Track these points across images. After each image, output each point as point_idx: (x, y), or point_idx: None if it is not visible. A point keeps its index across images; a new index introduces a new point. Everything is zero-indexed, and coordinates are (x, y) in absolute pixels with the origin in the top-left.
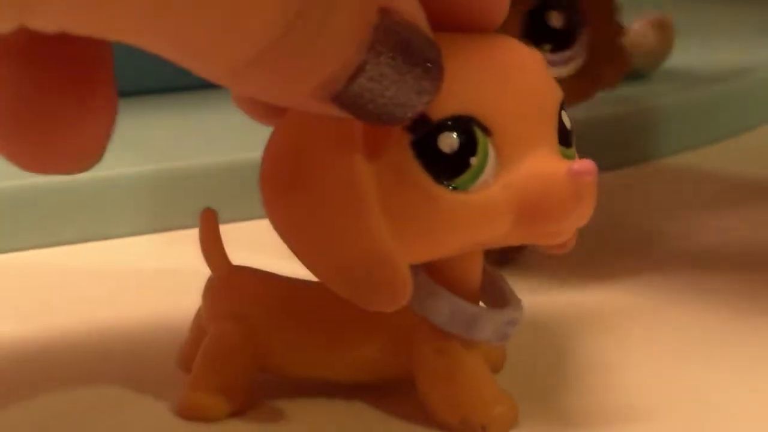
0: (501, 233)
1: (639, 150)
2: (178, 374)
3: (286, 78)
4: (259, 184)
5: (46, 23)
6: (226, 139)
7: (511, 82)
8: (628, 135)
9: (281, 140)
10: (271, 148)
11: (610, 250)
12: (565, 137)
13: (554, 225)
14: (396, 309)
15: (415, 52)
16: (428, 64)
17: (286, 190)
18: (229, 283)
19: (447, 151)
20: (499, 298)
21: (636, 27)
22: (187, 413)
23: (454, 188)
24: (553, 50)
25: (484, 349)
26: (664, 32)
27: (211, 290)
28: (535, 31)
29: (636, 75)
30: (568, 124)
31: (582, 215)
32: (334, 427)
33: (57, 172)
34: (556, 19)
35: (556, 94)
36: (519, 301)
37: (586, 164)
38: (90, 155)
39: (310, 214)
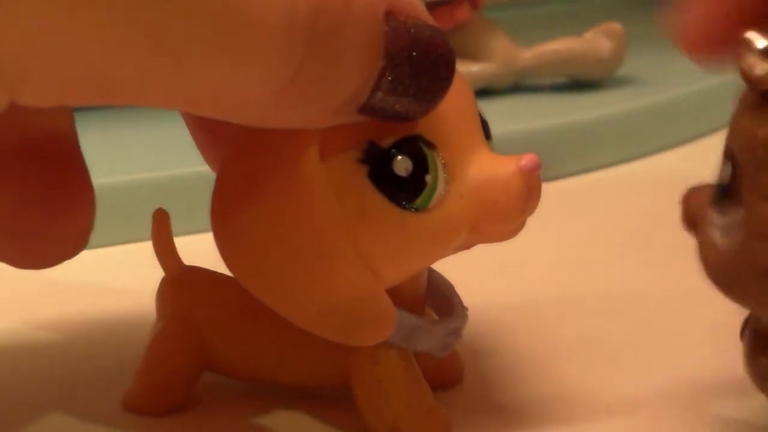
0: (461, 243)
1: (591, 158)
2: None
3: (309, 105)
4: (212, 225)
5: (39, 97)
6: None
7: None
8: (580, 143)
9: (232, 182)
10: (221, 192)
11: (563, 256)
12: (485, 130)
13: (510, 224)
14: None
15: (426, 44)
16: (440, 51)
17: (245, 237)
18: (180, 283)
19: (403, 174)
20: (445, 305)
21: (588, 36)
22: (130, 406)
23: (416, 209)
24: None
25: (432, 361)
26: (616, 40)
27: (162, 290)
28: None
29: (589, 83)
30: (484, 116)
31: (532, 208)
32: (270, 428)
33: (46, 266)
34: None
35: (471, 89)
36: (464, 309)
37: (531, 159)
38: (74, 246)
39: (276, 262)
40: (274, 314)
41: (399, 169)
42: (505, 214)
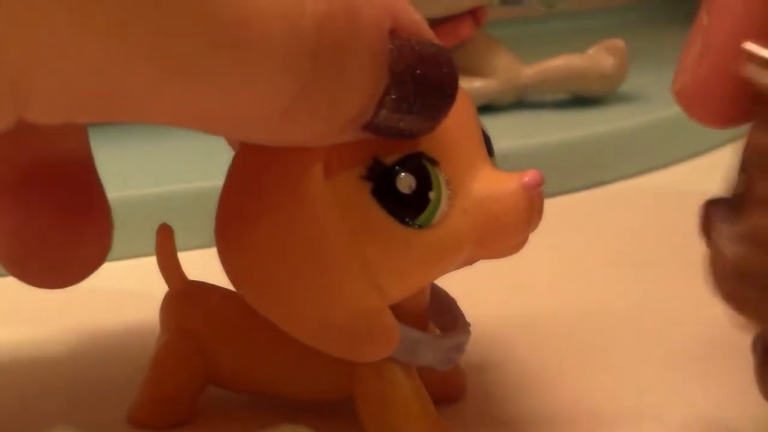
0: (464, 258)
1: (595, 174)
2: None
3: (314, 122)
4: (216, 239)
5: (47, 113)
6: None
7: None
8: (583, 159)
9: (237, 198)
10: (226, 207)
11: (565, 270)
12: (487, 146)
13: (513, 240)
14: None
15: (430, 62)
16: (444, 69)
17: (251, 255)
18: (184, 297)
19: (407, 192)
20: (448, 320)
21: (591, 52)
22: (134, 419)
23: (420, 226)
24: None
25: (436, 375)
26: (619, 57)
27: (166, 304)
28: None
29: (591, 100)
30: (486, 132)
31: (535, 224)
32: None
33: (65, 286)
34: None
35: (473, 105)
36: (467, 324)
37: (534, 175)
38: (93, 264)
39: (282, 278)
40: (277, 328)
41: (402, 186)
42: (508, 230)
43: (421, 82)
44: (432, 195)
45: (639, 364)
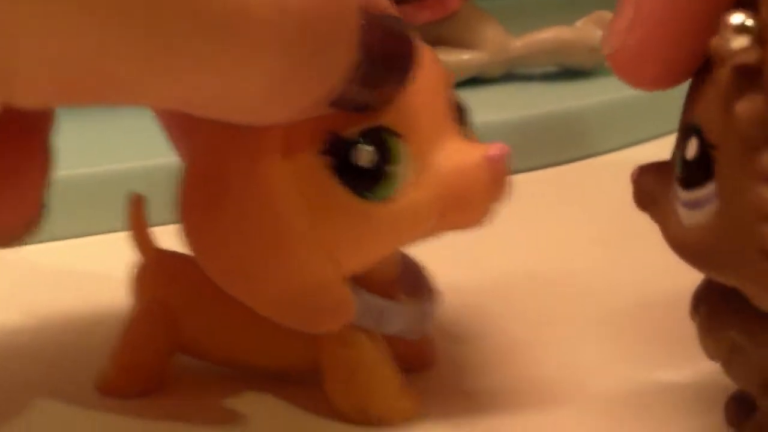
0: (427, 230)
1: (581, 146)
2: None
3: (296, 101)
4: (180, 218)
5: (33, 98)
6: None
7: None
8: (570, 131)
9: (198, 174)
10: (188, 184)
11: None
12: (460, 115)
13: (476, 212)
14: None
15: (395, 36)
16: (407, 43)
17: (210, 227)
18: (155, 267)
19: (366, 165)
20: (417, 289)
21: (579, 24)
22: (103, 388)
23: (379, 199)
24: None
25: (404, 343)
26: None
27: (139, 274)
28: None
29: (580, 72)
30: (461, 102)
31: (500, 197)
32: (240, 411)
33: None
34: None
35: (445, 75)
36: (436, 293)
37: (499, 148)
38: (19, 231)
39: (238, 250)
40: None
41: (361, 160)
42: (471, 203)
43: (388, 56)
44: (393, 168)
45: (610, 331)
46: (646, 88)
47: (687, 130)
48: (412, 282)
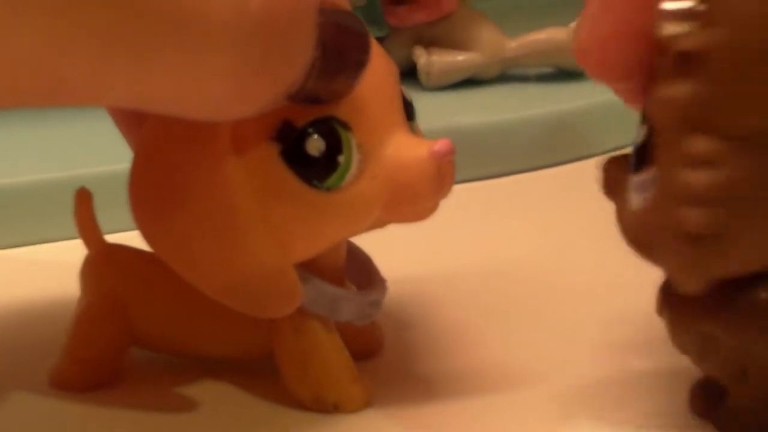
0: (372, 221)
1: (576, 148)
2: None
3: (256, 97)
4: (130, 204)
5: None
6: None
7: None
8: (565, 133)
9: (148, 160)
10: (138, 170)
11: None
12: (407, 111)
13: (421, 205)
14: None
15: (350, 31)
16: (360, 38)
17: (161, 213)
18: (103, 259)
19: (315, 155)
20: (365, 278)
21: (573, 26)
22: (56, 382)
23: (327, 189)
24: None
25: (353, 331)
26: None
27: (86, 267)
28: None
29: (575, 73)
30: (408, 97)
31: (445, 192)
32: (196, 401)
33: None
34: None
35: (394, 71)
36: (384, 281)
37: (445, 144)
38: None
39: (189, 236)
40: (197, 289)
41: (311, 149)
42: (416, 196)
43: (342, 51)
44: (341, 158)
45: (557, 320)
46: (609, 81)
47: (641, 117)
48: (358, 271)
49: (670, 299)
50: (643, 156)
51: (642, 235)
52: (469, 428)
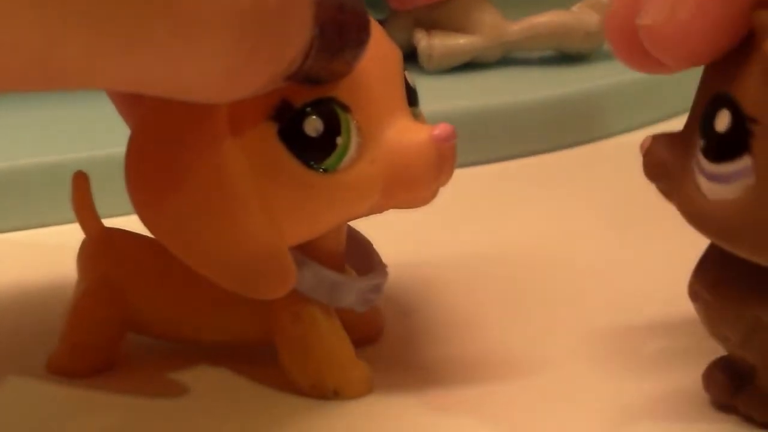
0: (371, 206)
1: (578, 132)
2: None
3: (254, 80)
4: (126, 182)
5: None
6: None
7: None
8: (567, 116)
9: (145, 139)
10: (135, 149)
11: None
12: (410, 97)
13: (421, 191)
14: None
15: (348, 10)
16: (359, 16)
17: (157, 192)
18: (101, 244)
19: (313, 135)
20: (365, 263)
21: (576, 9)
22: (54, 368)
23: (324, 170)
24: None
25: (353, 316)
26: (603, 13)
27: (83, 251)
28: None
29: (576, 56)
30: (411, 83)
31: (445, 178)
32: (194, 387)
33: None
34: None
35: (398, 56)
36: (384, 267)
37: (446, 129)
38: None
39: (185, 215)
40: (196, 273)
41: (309, 129)
42: (415, 182)
43: (341, 31)
44: (340, 140)
45: (559, 308)
46: (678, 65)
47: (716, 101)
48: (359, 256)
49: (711, 283)
50: (726, 144)
51: (738, 229)
52: (472, 414)
